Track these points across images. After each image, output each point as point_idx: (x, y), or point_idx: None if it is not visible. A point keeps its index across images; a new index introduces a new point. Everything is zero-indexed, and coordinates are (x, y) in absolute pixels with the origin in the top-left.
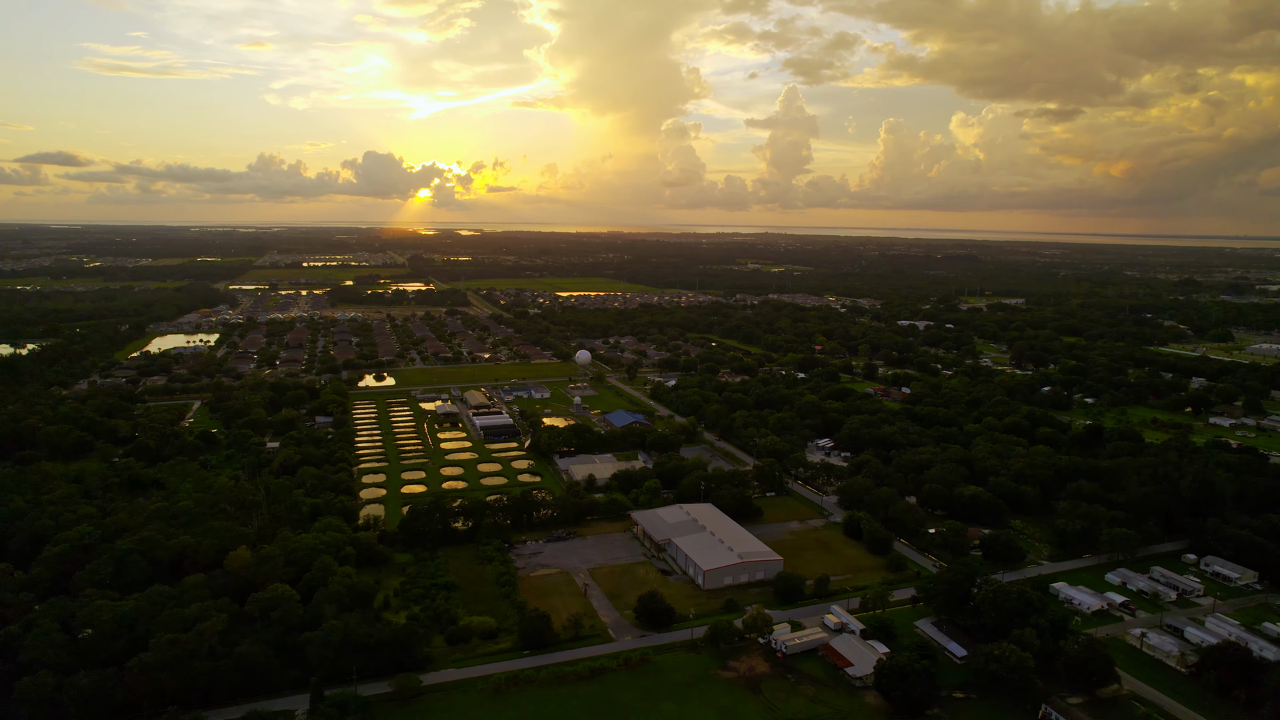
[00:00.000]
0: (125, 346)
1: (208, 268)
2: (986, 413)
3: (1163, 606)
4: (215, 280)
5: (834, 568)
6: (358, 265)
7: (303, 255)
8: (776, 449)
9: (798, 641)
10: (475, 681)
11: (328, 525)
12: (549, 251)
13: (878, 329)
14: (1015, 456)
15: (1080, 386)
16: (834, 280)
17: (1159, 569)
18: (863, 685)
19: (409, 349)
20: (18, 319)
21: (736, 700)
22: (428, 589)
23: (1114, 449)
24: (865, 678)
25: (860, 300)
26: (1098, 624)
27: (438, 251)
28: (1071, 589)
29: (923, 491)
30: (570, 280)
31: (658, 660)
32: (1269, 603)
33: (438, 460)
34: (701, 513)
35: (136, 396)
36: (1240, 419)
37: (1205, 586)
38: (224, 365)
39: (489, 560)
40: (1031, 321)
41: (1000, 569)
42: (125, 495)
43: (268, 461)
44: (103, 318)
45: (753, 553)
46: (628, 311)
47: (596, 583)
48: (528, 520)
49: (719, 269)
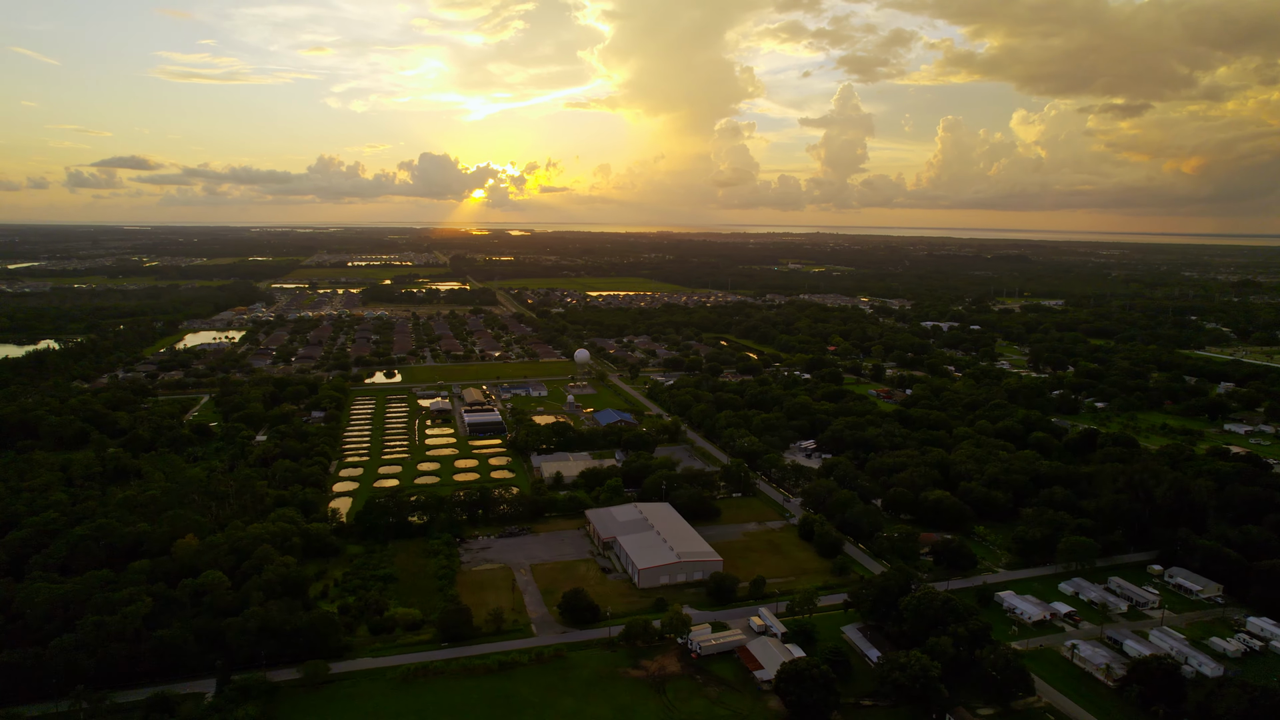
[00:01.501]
0: (156, 342)
1: (256, 267)
2: (981, 416)
3: (1111, 618)
4: (261, 279)
5: (778, 570)
6: (400, 265)
7: (350, 255)
8: (752, 450)
9: (713, 643)
10: (385, 671)
11: (280, 516)
12: (592, 251)
13: (897, 330)
14: (992, 461)
15: (1092, 390)
16: (872, 281)
17: (1117, 579)
18: (769, 689)
19: (424, 346)
20: (64, 315)
21: (637, 699)
22: (366, 580)
23: (1103, 455)
24: (771, 681)
25: (891, 301)
26: (1037, 634)
27: (484, 251)
28: (1017, 598)
29: (887, 495)
30: (605, 280)
31: (571, 657)
32: (1226, 617)
33: (417, 456)
34: (655, 512)
35: (148, 390)
36: (1259, 425)
37: (1164, 599)
38: (240, 361)
39: (435, 554)
40: (1062, 323)
41: (952, 576)
42: (106, 484)
43: (251, 453)
44: (142, 315)
45: (692, 553)
46: (649, 311)
47: (535, 579)
48: (485, 516)
49: (758, 269)
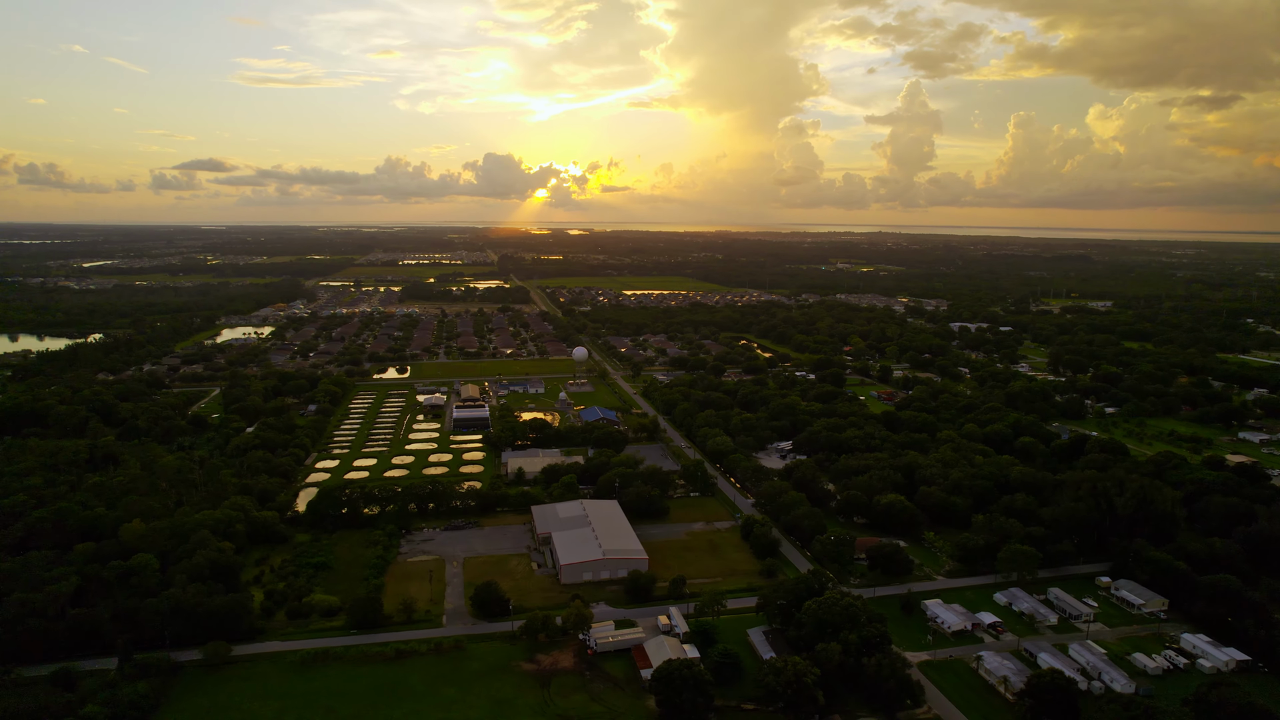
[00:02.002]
0: (192, 337)
1: (309, 265)
2: (972, 420)
3: (1037, 630)
4: (311, 277)
5: (709, 570)
6: (449, 263)
7: (404, 254)
8: (720, 450)
9: (610, 640)
10: (287, 655)
11: (232, 504)
12: (641, 250)
13: (921, 331)
14: (959, 466)
15: (1104, 395)
16: (916, 281)
17: (1056, 591)
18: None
19: (441, 343)
20: (114, 311)
21: (519, 692)
22: (300, 568)
23: (1086, 462)
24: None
25: (929, 301)
26: (953, 644)
27: (537, 250)
28: (941, 607)
29: (841, 498)
30: (646, 279)
31: (471, 648)
32: (1162, 632)
33: (396, 449)
34: (599, 509)
35: (163, 383)
36: (1277, 434)
37: (1103, 612)
38: (260, 356)
39: (375, 544)
40: (1098, 325)
41: (890, 582)
42: (88, 470)
43: (229, 444)
44: (185, 311)
45: (619, 550)
46: (673, 310)
47: (465, 571)
48: (436, 509)
49: (804, 269)
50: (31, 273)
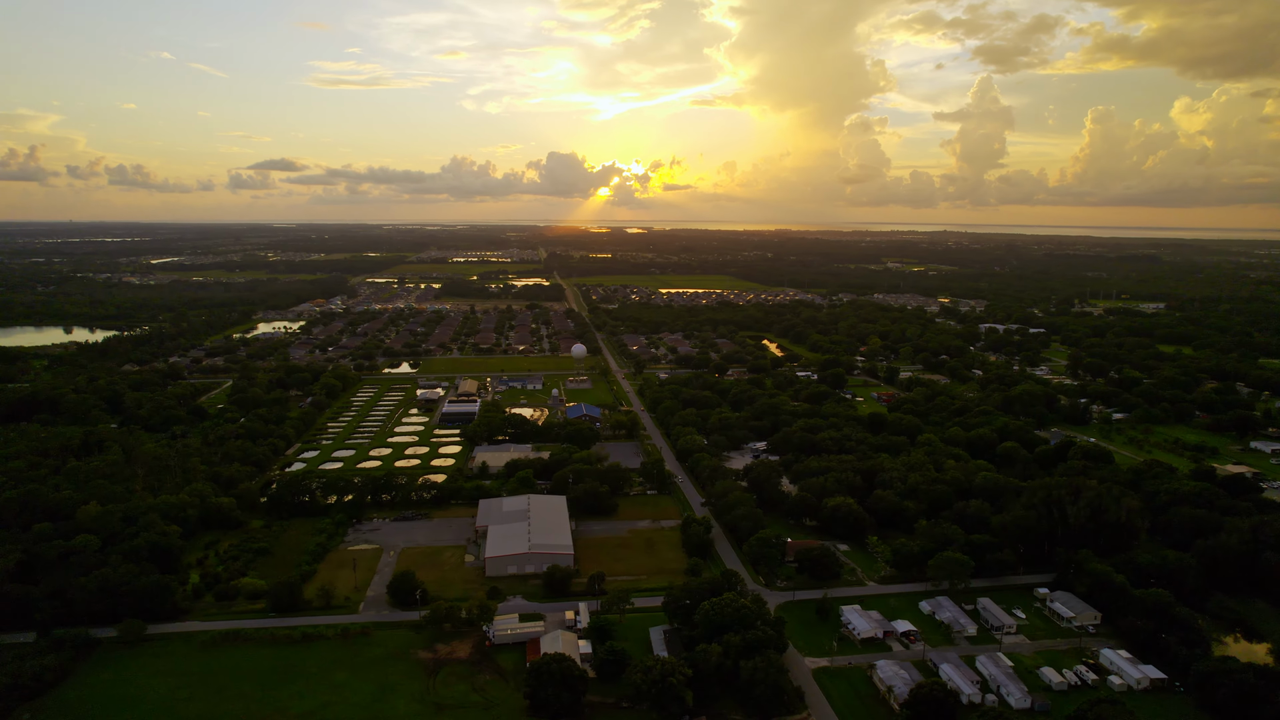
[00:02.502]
0: (226, 330)
1: (364, 262)
2: (960, 423)
3: (953, 640)
4: (362, 273)
5: (638, 568)
6: (498, 261)
7: (457, 252)
8: (688, 448)
9: (509, 633)
10: (200, 635)
11: (192, 490)
12: (692, 249)
13: (944, 332)
14: (923, 470)
15: (1116, 400)
16: (963, 281)
17: (986, 601)
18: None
19: (459, 339)
20: (161, 305)
21: (406, 679)
22: (242, 552)
23: (1067, 469)
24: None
25: (968, 302)
26: (861, 651)
27: (590, 248)
28: (857, 613)
29: (791, 500)
30: (687, 278)
31: (377, 635)
32: (1084, 646)
33: (378, 441)
34: (543, 504)
35: (180, 374)
36: None
37: (1032, 624)
38: (279, 350)
39: (321, 532)
40: (1136, 328)
41: (821, 585)
42: (77, 456)
43: (210, 434)
44: (228, 305)
45: (546, 545)
46: (697, 309)
47: (399, 560)
48: (393, 500)
49: (852, 268)
50: (103, 269)
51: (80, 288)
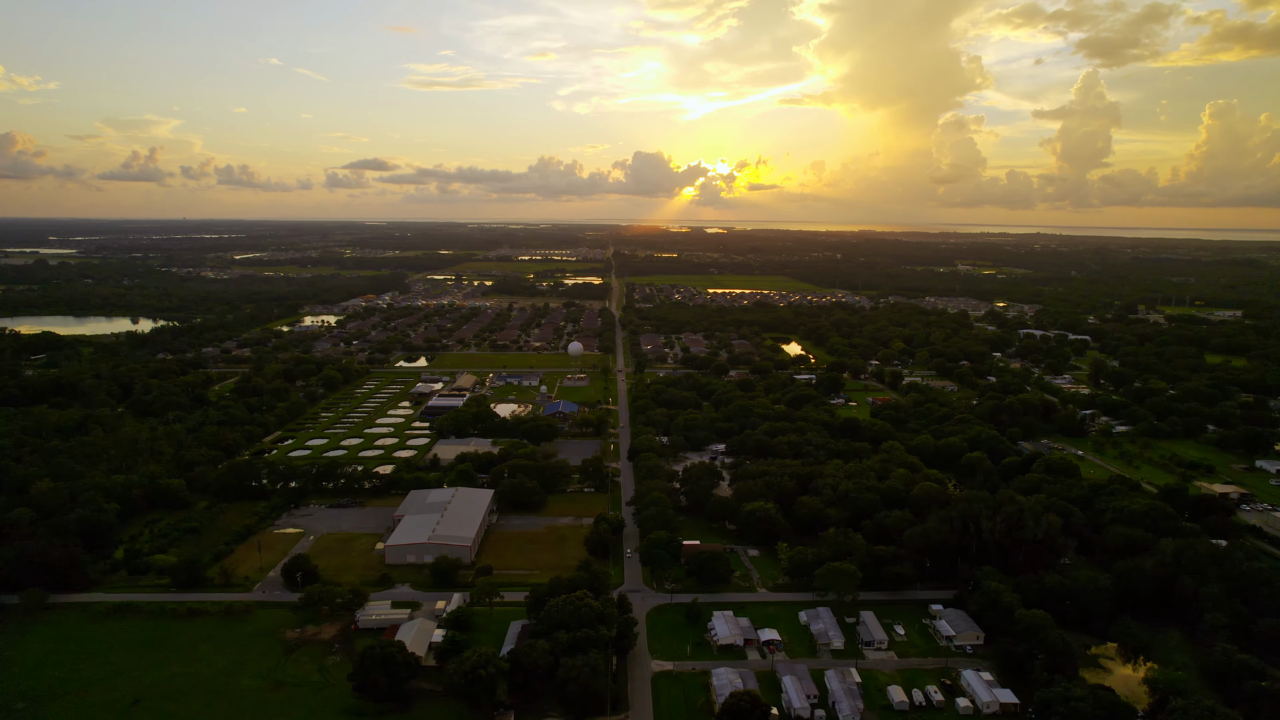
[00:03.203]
0: (269, 323)
1: (433, 259)
2: (933, 431)
3: (818, 652)
4: (428, 270)
5: (534, 563)
6: (560, 259)
7: (526, 250)
8: (639, 447)
9: (372, 619)
10: (97, 605)
11: (145, 472)
12: (760, 250)
13: (973, 337)
14: (864, 477)
15: (1123, 411)
16: (1029, 285)
17: (868, 614)
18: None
19: (481, 336)
20: (218, 298)
21: (261, 656)
22: (173, 531)
23: (1023, 482)
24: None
25: (1021, 307)
26: (716, 657)
27: (659, 248)
28: (723, 619)
29: (710, 504)
30: (743, 278)
31: (258, 614)
32: (950, 666)
33: (355, 432)
34: (467, 497)
35: (203, 363)
36: None
37: (911, 640)
38: (305, 343)
39: (255, 515)
40: (1189, 336)
41: (711, 589)
42: (66, 436)
43: (188, 420)
44: (281, 299)
45: (447, 537)
46: (727, 309)
47: (314, 544)
48: (334, 487)
49: (918, 270)
50: (190, 263)
51: (159, 281)
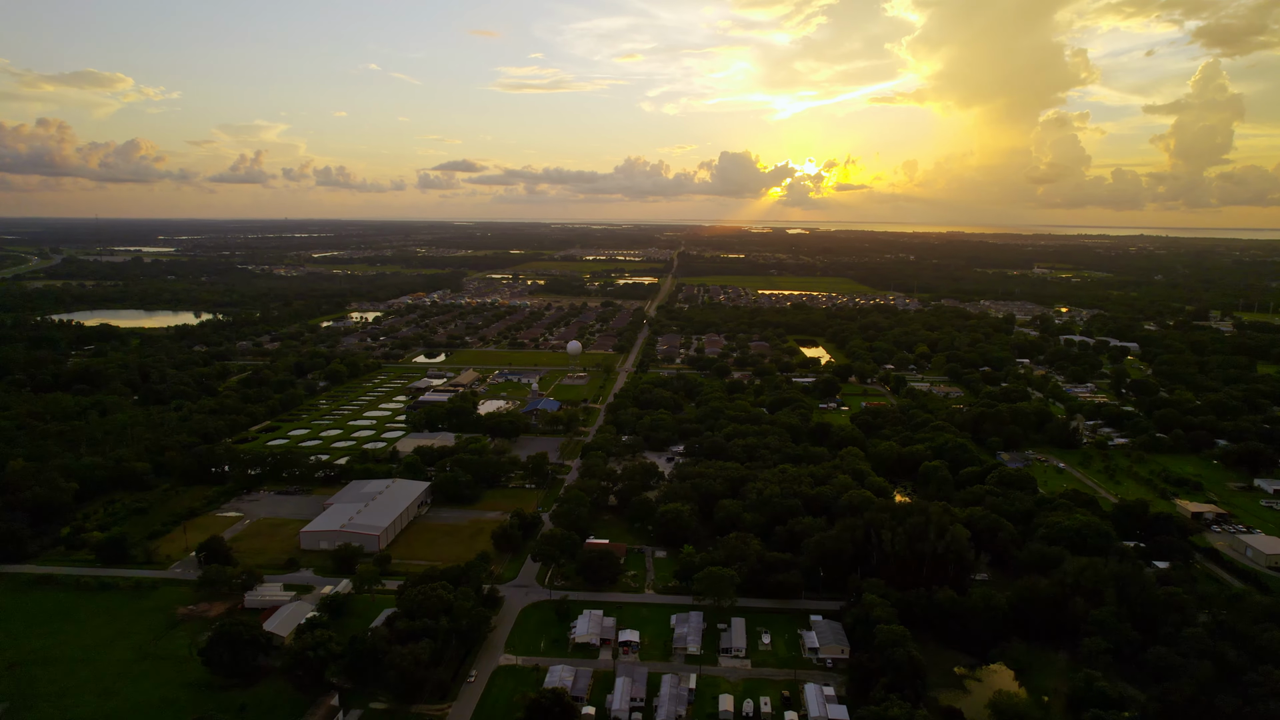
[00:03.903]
0: (316, 318)
1: (504, 258)
2: (901, 437)
3: (672, 656)
4: (490, 269)
5: (441, 555)
6: (625, 260)
7: (595, 250)
8: (595, 445)
9: (258, 599)
10: (22, 576)
11: (117, 455)
12: (831, 251)
13: (1004, 343)
14: (801, 483)
15: (1127, 423)
16: (1101, 289)
17: (740, 621)
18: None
19: (508, 333)
20: (277, 294)
21: (144, 630)
22: (122, 511)
23: (968, 495)
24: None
25: (1079, 312)
26: (568, 656)
27: (734, 249)
28: (587, 618)
29: (632, 505)
30: (802, 279)
31: (163, 590)
32: (797, 679)
33: (339, 423)
34: (401, 488)
35: (227, 355)
36: None
37: (774, 650)
38: (333, 337)
39: (206, 499)
40: (1244, 344)
41: (592, 588)
42: (69, 420)
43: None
44: (335, 296)
45: (359, 525)
46: (761, 310)
47: (246, 528)
48: (289, 475)
49: (990, 273)
50: (268, 261)
51: (234, 278)
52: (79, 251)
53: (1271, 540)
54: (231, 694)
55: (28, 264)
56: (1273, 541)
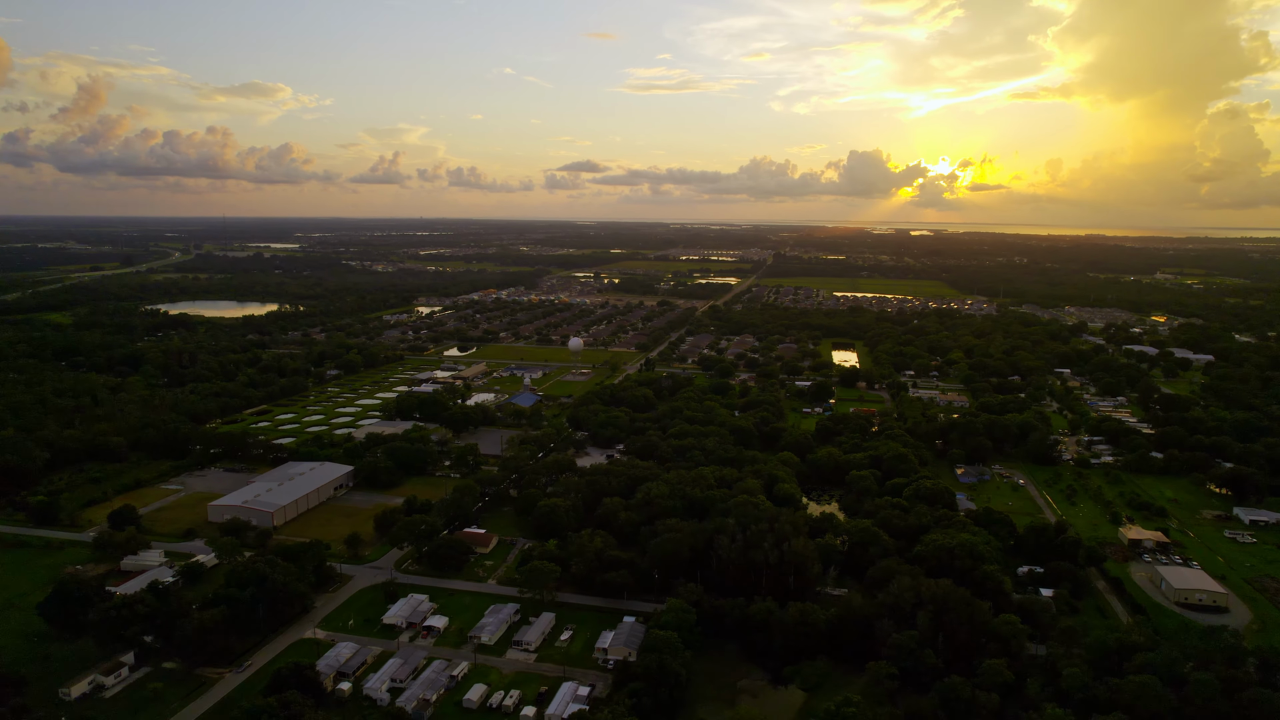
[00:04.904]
0: (381, 311)
1: (605, 256)
2: (843, 444)
3: (460, 643)
4: (583, 267)
5: (325, 534)
6: (717, 260)
7: (691, 250)
8: (530, 439)
9: (133, 564)
10: None
11: (98, 430)
12: (940, 253)
13: (1046, 351)
14: (680, 484)
15: (1124, 440)
16: (1211, 297)
17: (548, 615)
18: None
19: (543, 330)
20: (358, 289)
21: (28, 584)
22: (79, 478)
23: (873, 505)
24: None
25: (1175, 320)
26: (364, 633)
27: (840, 251)
28: (406, 602)
29: (517, 499)
30: (888, 283)
31: (68, 550)
32: (567, 674)
33: (329, 410)
34: (324, 471)
35: (269, 345)
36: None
37: (567, 648)
38: (375, 330)
39: (159, 472)
40: None
41: (437, 575)
42: (78, 396)
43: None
44: (410, 291)
45: (260, 503)
46: (810, 312)
47: (176, 499)
48: (259, 455)
49: (1102, 278)
50: (373, 257)
51: (333, 273)
52: (216, 247)
53: (1190, 574)
54: (53, 646)
55: (170, 258)
56: (1190, 575)
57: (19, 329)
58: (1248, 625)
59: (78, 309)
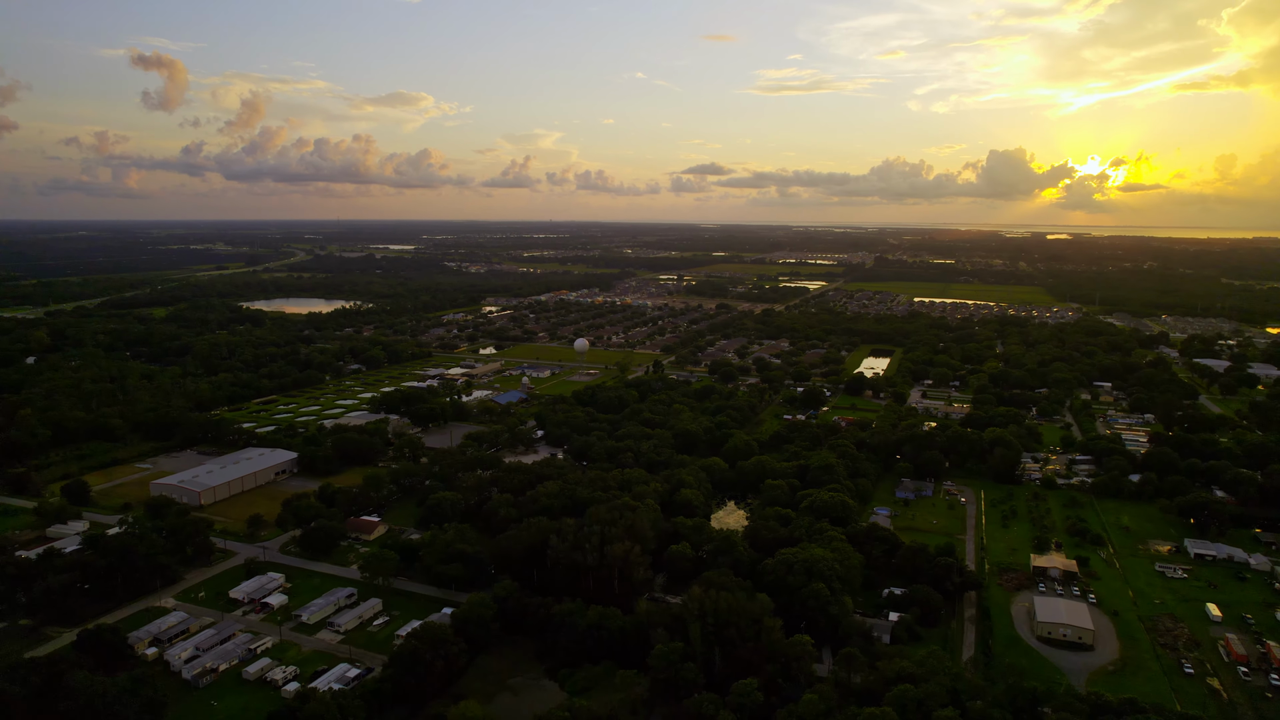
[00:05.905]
0: (445, 310)
1: (703, 259)
2: (794, 452)
3: (282, 619)
4: (679, 270)
5: (243, 514)
6: (812, 265)
7: (791, 253)
8: (478, 435)
9: (56, 532)
10: None
11: (103, 413)
12: (1062, 259)
13: (1090, 365)
14: (581, 484)
15: (1109, 461)
16: None
17: (373, 602)
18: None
19: (579, 331)
20: (439, 288)
21: None
22: (72, 456)
23: (760, 517)
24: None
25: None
26: (217, 607)
27: (956, 255)
28: (256, 581)
29: (428, 499)
30: (982, 288)
31: (20, 516)
32: (353, 657)
33: (329, 403)
34: (268, 456)
35: (309, 340)
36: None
37: (379, 633)
38: (424, 328)
39: (140, 453)
40: None
41: (308, 557)
42: (127, 381)
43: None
44: (484, 291)
45: (192, 483)
46: (860, 317)
47: (138, 477)
48: (231, 441)
49: (1236, 284)
50: (474, 259)
51: (430, 273)
52: (337, 249)
53: (1063, 607)
54: None
55: (291, 259)
56: (1062, 608)
57: (112, 320)
58: (1101, 666)
59: (179, 305)
